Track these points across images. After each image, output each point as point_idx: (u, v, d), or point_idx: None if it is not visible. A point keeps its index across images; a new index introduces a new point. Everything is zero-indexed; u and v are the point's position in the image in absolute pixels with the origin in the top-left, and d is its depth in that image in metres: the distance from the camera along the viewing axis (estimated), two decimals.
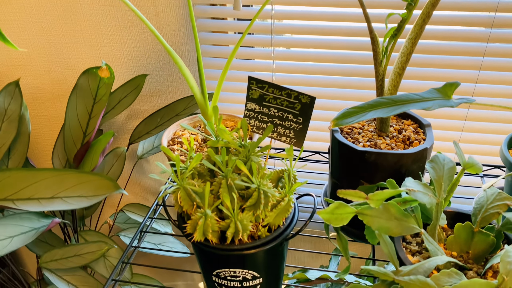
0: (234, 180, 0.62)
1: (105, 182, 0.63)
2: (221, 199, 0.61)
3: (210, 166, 0.61)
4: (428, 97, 0.67)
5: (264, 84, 0.67)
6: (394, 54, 0.79)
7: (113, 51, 1.22)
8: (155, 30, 0.75)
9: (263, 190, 0.60)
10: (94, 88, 0.91)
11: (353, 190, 0.58)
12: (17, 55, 1.27)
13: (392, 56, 0.79)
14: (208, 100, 0.84)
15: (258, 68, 1.09)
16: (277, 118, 0.70)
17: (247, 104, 0.71)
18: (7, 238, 0.85)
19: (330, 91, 1.07)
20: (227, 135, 0.64)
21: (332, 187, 0.87)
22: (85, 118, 0.92)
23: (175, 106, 1.13)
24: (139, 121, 1.30)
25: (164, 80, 1.24)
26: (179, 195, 0.61)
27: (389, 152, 0.74)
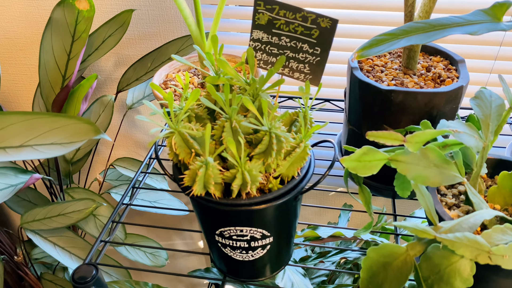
0: (240, 122, 0.51)
1: (83, 126, 0.52)
2: (224, 145, 0.50)
3: (210, 106, 0.50)
4: (474, 20, 0.55)
5: (274, 4, 0.54)
6: None
7: None
8: None
9: (275, 133, 0.50)
10: (72, 23, 0.77)
11: (386, 131, 0.47)
12: None
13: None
14: (204, 35, 0.72)
15: None
16: (289, 50, 0.58)
17: (252, 32, 0.59)
18: None
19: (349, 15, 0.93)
20: (229, 68, 0.53)
21: (349, 135, 0.76)
22: (63, 58, 0.79)
23: (167, 48, 1.00)
24: (124, 67, 1.18)
25: (154, 20, 1.10)
26: (173, 141, 0.50)
27: (420, 91, 0.63)
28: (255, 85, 0.51)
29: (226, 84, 0.50)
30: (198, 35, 0.70)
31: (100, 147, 1.36)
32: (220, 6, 0.67)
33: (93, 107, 0.98)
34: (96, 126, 0.50)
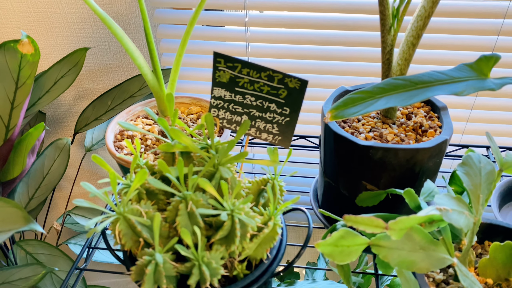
0: (197, 205, 0.43)
1: (11, 211, 0.44)
2: (179, 235, 0.43)
3: (162, 187, 0.43)
4: (459, 77, 0.49)
5: (236, 63, 0.48)
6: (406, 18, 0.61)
7: (49, 18, 0.99)
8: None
9: (239, 218, 0.43)
10: (14, 68, 0.69)
11: (366, 216, 0.41)
12: None
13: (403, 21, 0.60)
14: (163, 84, 0.65)
15: (229, 38, 0.89)
16: (255, 109, 0.51)
17: (213, 90, 0.52)
18: None
19: (321, 65, 0.88)
20: (185, 138, 0.46)
21: (325, 188, 0.70)
22: (6, 108, 0.71)
23: (128, 85, 0.92)
24: (88, 102, 1.09)
25: (115, 53, 1.02)
26: (117, 228, 0.43)
27: (401, 147, 0.57)
28: (214, 160, 0.44)
29: (180, 161, 0.43)
30: (155, 84, 0.63)
31: (62, 182, 1.26)
32: (178, 55, 0.60)
33: (47, 151, 0.89)
34: (27, 214, 0.42)
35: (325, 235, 0.53)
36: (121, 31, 0.57)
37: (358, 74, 0.87)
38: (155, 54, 0.61)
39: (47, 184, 0.90)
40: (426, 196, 0.56)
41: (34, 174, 0.88)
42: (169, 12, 0.89)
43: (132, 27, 0.97)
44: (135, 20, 0.96)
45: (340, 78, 0.89)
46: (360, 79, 0.89)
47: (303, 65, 0.88)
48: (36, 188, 0.90)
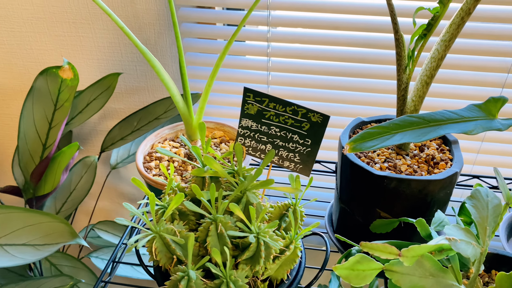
0: (226, 227, 0.48)
1: (58, 226, 0.49)
2: (209, 254, 0.47)
3: (195, 209, 0.47)
4: (468, 117, 0.54)
5: (264, 97, 0.52)
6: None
7: (82, 42, 1.05)
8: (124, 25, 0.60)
9: (264, 240, 0.47)
10: (54, 92, 0.75)
11: (381, 243, 0.45)
12: None
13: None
14: (192, 110, 0.70)
15: (251, 67, 0.94)
16: (279, 139, 0.56)
17: (241, 120, 0.56)
18: None
19: (337, 94, 0.92)
20: (216, 165, 0.50)
21: (340, 213, 0.73)
22: (44, 127, 0.76)
23: (154, 108, 0.98)
24: (113, 121, 1.15)
25: (142, 76, 1.08)
26: (154, 245, 0.47)
27: (413, 178, 0.61)
28: (243, 186, 0.49)
29: (212, 186, 0.47)
30: (186, 112, 0.68)
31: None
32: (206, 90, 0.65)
33: (75, 168, 0.95)
34: (73, 229, 0.47)
35: (341, 259, 0.57)
36: (155, 60, 0.62)
37: (373, 104, 0.91)
38: (187, 84, 0.66)
39: (74, 199, 0.95)
40: (437, 226, 0.59)
41: (62, 190, 0.93)
42: (195, 41, 0.95)
43: (159, 54, 1.03)
44: (162, 47, 1.02)
45: (355, 108, 0.93)
46: (374, 109, 0.93)
47: (320, 94, 0.93)
48: (63, 202, 0.95)
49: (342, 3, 0.81)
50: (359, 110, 0.93)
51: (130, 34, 0.65)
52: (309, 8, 0.83)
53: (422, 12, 0.63)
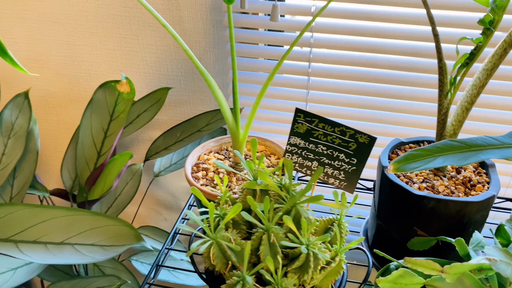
0: (277, 237, 0.52)
1: (124, 229, 0.54)
2: (262, 261, 0.51)
3: (250, 220, 0.51)
4: (509, 143, 0.56)
5: (314, 118, 0.56)
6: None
7: (131, 56, 1.12)
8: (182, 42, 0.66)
9: (313, 251, 0.50)
10: (111, 103, 0.81)
11: (424, 259, 0.48)
12: (27, 56, 1.18)
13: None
14: (240, 127, 0.74)
15: (292, 85, 0.98)
16: (325, 157, 0.60)
17: (290, 138, 0.60)
18: (9, 271, 0.76)
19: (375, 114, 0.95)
20: (269, 179, 0.54)
21: (377, 230, 0.76)
22: (100, 136, 0.82)
23: (197, 120, 1.03)
24: (155, 131, 1.21)
25: (185, 90, 1.14)
26: (212, 251, 0.51)
27: (452, 199, 0.64)
28: (294, 200, 0.53)
29: (267, 199, 0.51)
30: (234, 128, 0.72)
31: None
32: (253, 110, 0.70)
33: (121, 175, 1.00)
34: (138, 232, 0.52)
35: (380, 273, 0.60)
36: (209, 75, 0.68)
37: (410, 125, 0.94)
38: (237, 100, 0.71)
39: (118, 204, 1.00)
40: (475, 246, 0.62)
41: (108, 195, 0.99)
42: (238, 59, 1.00)
43: None
44: (206, 63, 1.08)
45: (392, 127, 0.96)
46: (411, 130, 0.96)
47: (358, 113, 0.96)
48: (108, 207, 1.00)
49: (386, 28, 0.85)
50: (396, 130, 0.96)
51: (188, 50, 0.70)
52: (352, 31, 0.87)
53: (465, 41, 0.66)
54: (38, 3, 1.09)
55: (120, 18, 1.07)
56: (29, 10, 1.12)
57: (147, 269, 1.03)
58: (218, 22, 1.02)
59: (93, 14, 1.08)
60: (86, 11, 1.08)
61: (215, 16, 1.01)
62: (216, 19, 1.02)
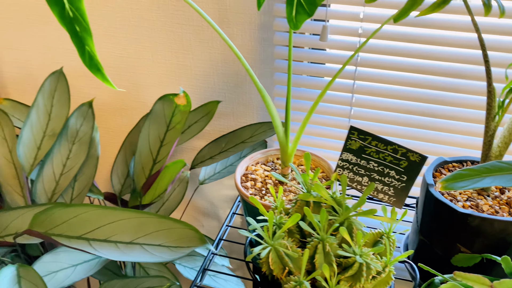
0: (332, 247, 0.55)
1: (189, 232, 0.58)
2: (317, 269, 0.54)
3: (307, 229, 0.55)
4: None
5: (367, 135, 0.60)
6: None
7: (180, 70, 1.18)
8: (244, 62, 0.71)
9: (366, 261, 0.54)
10: (168, 115, 0.86)
11: (474, 274, 0.50)
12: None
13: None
14: (289, 138, 0.79)
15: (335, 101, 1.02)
16: (376, 173, 0.63)
17: (342, 154, 0.64)
18: (70, 267, 0.82)
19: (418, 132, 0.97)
20: (324, 192, 0.58)
21: (419, 245, 0.79)
22: (156, 145, 0.88)
23: (241, 132, 1.08)
24: (199, 141, 1.26)
25: (229, 103, 1.19)
26: (270, 256, 0.55)
27: (497, 218, 0.66)
28: (348, 212, 0.56)
29: (323, 211, 0.55)
30: (284, 141, 0.77)
31: None
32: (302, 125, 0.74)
33: None
34: (202, 235, 0.56)
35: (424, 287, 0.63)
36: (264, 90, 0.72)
37: (453, 145, 0.96)
38: (289, 115, 0.76)
39: (165, 209, 1.06)
40: None
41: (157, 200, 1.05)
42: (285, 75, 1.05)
43: (248, 85, 1.14)
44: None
45: (434, 146, 0.98)
46: (453, 149, 0.97)
47: (401, 131, 0.98)
48: (156, 211, 1.06)
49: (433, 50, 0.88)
50: (438, 149, 0.98)
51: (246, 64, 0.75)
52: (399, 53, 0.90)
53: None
54: (98, 19, 1.17)
55: (173, 34, 1.14)
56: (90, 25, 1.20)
57: (189, 273, 1.07)
58: (265, 39, 1.07)
59: (148, 29, 1.15)
60: (141, 26, 1.15)
61: (263, 34, 1.06)
62: (264, 37, 1.07)
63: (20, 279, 0.68)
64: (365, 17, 0.90)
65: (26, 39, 1.27)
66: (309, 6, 0.52)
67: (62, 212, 0.66)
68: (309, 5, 0.52)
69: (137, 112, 1.30)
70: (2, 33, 1.28)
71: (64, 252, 0.82)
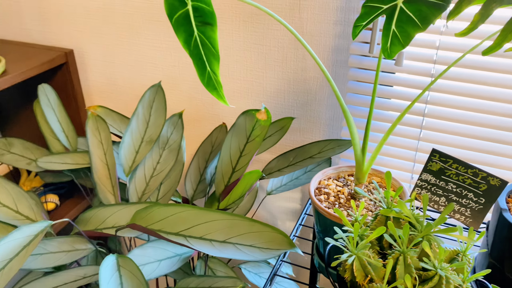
0: (412, 260, 0.59)
1: (278, 236, 0.65)
2: (398, 278, 0.59)
3: (391, 242, 0.60)
4: None
5: (449, 158, 0.64)
6: None
7: (253, 86, 1.27)
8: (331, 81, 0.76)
9: (446, 275, 0.57)
10: (249, 128, 0.94)
11: None
12: (165, 80, 1.37)
13: None
14: (366, 156, 0.84)
15: (405, 123, 1.06)
16: (454, 194, 0.67)
17: (422, 174, 0.68)
18: (155, 262, 0.90)
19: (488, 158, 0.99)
20: (406, 209, 0.63)
21: (489, 268, 0.80)
22: (236, 155, 0.96)
23: (309, 148, 1.14)
24: (265, 153, 1.33)
25: (297, 120, 1.26)
26: (354, 264, 0.60)
27: None
28: (429, 228, 0.60)
29: (406, 226, 0.59)
30: (360, 158, 0.82)
31: None
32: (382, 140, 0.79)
33: None
34: (290, 239, 0.62)
35: None
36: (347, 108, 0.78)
37: None
38: (368, 134, 0.81)
39: None
40: None
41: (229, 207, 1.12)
42: (355, 96, 1.10)
43: (317, 103, 1.20)
44: (321, 97, 1.19)
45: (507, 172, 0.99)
46: None
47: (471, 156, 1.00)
48: None
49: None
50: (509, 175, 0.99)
51: (333, 83, 0.81)
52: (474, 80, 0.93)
53: None
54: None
55: (250, 53, 1.23)
56: (171, 41, 1.31)
57: (253, 278, 1.13)
58: (338, 61, 1.13)
59: (226, 48, 1.24)
60: (220, 46, 1.24)
61: (336, 56, 1.12)
62: (337, 58, 1.13)
63: (119, 267, 0.77)
64: (441, 45, 0.94)
65: (115, 53, 1.40)
66: (403, 39, 0.57)
67: (160, 210, 0.74)
68: (404, 37, 0.57)
69: (209, 123, 1.39)
70: (95, 47, 1.42)
71: (151, 248, 0.91)
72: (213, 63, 0.55)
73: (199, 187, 1.19)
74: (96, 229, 0.84)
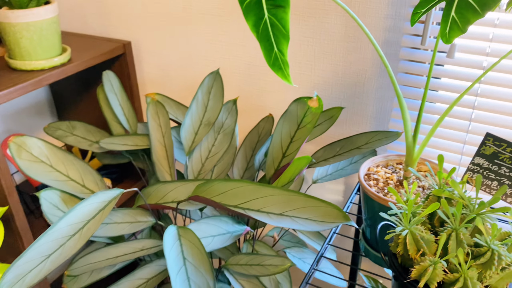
0: (465, 236, 0.62)
1: (333, 210, 0.68)
2: (449, 252, 0.61)
3: (444, 218, 0.63)
4: None
5: (503, 142, 0.66)
6: None
7: (302, 78, 1.31)
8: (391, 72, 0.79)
9: (498, 251, 0.60)
10: (300, 115, 0.98)
11: None
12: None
13: None
14: (416, 144, 0.86)
15: (453, 115, 1.07)
16: (506, 178, 0.68)
17: (474, 158, 0.71)
18: (209, 237, 0.96)
19: None
20: (459, 188, 0.65)
21: None
22: (286, 141, 1.00)
23: (356, 139, 1.17)
24: (310, 144, 1.37)
25: (344, 111, 1.29)
26: (408, 238, 0.63)
27: None
28: (482, 207, 0.63)
29: (459, 204, 0.62)
30: (411, 145, 0.84)
31: None
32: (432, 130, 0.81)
33: None
34: (345, 213, 0.66)
35: None
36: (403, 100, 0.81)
37: None
38: (420, 124, 0.83)
39: None
40: None
41: None
42: (405, 88, 1.12)
43: (365, 95, 1.23)
44: (368, 89, 1.22)
45: None
46: None
47: None
48: None
49: None
50: None
51: (392, 74, 0.84)
52: None
53: None
54: (234, 31, 1.34)
55: (299, 46, 1.27)
56: (222, 34, 1.37)
57: (298, 262, 1.17)
58: (387, 54, 1.16)
59: None
60: None
61: (386, 49, 1.15)
62: (387, 51, 1.15)
63: (180, 237, 0.83)
64: (494, 38, 0.95)
65: (169, 45, 1.48)
66: (463, 24, 0.60)
67: (220, 185, 0.80)
68: (463, 23, 0.60)
69: (256, 114, 1.44)
70: (149, 40, 1.51)
71: (205, 224, 0.97)
72: (282, 42, 0.59)
73: (246, 174, 1.24)
74: (157, 203, 0.91)
